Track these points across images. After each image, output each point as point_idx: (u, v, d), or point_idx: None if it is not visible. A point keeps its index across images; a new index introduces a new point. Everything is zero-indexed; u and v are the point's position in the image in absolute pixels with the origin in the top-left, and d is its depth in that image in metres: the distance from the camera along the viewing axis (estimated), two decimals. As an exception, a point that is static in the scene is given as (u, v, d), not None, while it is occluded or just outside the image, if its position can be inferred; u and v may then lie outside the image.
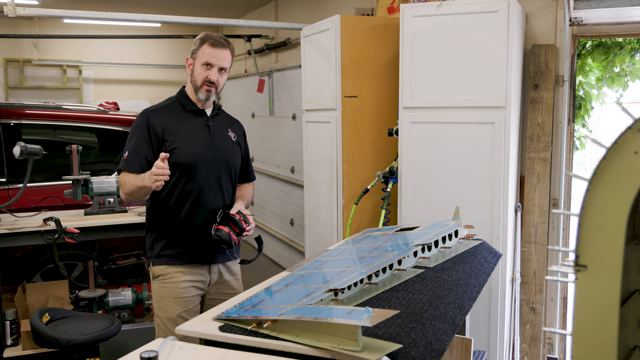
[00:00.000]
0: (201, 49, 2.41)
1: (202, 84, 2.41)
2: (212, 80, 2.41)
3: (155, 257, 2.46)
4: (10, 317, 3.37)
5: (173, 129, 2.41)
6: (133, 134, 2.43)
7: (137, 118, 2.46)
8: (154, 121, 2.41)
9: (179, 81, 8.36)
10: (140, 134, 2.40)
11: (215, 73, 2.41)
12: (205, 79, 2.40)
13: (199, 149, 2.43)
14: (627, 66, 3.73)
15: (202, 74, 2.41)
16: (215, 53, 2.40)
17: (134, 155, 2.37)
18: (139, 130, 2.41)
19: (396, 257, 2.04)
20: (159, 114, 2.45)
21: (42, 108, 4.41)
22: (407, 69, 3.01)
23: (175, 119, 2.44)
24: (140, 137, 2.40)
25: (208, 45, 2.40)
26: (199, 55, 2.41)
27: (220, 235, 2.36)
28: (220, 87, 2.48)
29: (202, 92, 2.43)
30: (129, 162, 2.37)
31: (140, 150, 2.38)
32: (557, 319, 3.24)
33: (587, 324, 0.80)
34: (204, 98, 2.44)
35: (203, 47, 2.40)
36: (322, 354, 1.42)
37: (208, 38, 2.41)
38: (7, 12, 3.46)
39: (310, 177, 3.84)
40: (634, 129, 0.74)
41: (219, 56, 2.40)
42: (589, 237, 0.79)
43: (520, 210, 3.17)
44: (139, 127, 2.42)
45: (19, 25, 7.67)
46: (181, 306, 2.42)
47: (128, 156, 2.38)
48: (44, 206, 3.68)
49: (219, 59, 2.40)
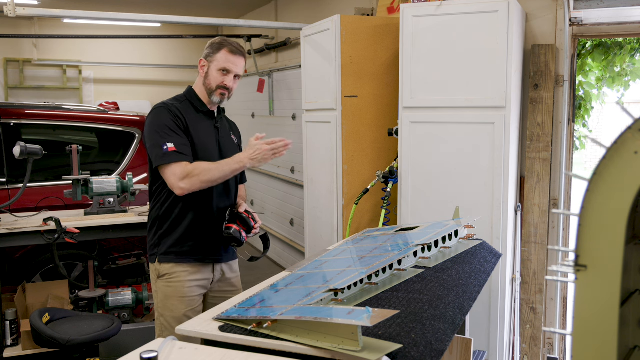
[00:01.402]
0: (219, 54, 2.42)
1: (217, 89, 2.44)
2: (228, 86, 2.44)
3: (162, 254, 2.45)
4: (10, 317, 3.37)
5: (191, 126, 2.41)
6: (163, 125, 2.35)
7: (157, 111, 2.40)
8: (178, 114, 2.39)
9: (179, 81, 8.36)
10: (172, 124, 2.35)
11: (231, 79, 2.45)
12: (221, 84, 2.43)
13: (212, 149, 2.46)
14: (627, 66, 3.73)
15: (219, 78, 2.43)
16: (234, 60, 2.43)
17: (181, 144, 2.32)
18: (169, 121, 2.35)
19: (396, 257, 2.04)
20: (177, 108, 2.42)
21: (42, 108, 4.40)
22: (407, 69, 3.01)
23: (190, 116, 2.44)
24: (174, 126, 2.35)
25: (227, 51, 2.42)
26: (216, 60, 2.43)
27: (231, 233, 2.39)
28: (232, 93, 2.51)
29: (217, 96, 2.45)
30: (181, 153, 2.31)
31: (183, 140, 2.34)
32: (557, 319, 3.24)
33: (587, 324, 0.80)
34: (218, 101, 2.47)
35: (221, 52, 2.42)
36: (322, 354, 1.42)
37: (227, 44, 2.43)
38: (7, 12, 3.46)
39: (310, 177, 3.84)
40: (634, 129, 0.74)
41: (236, 63, 2.44)
42: (589, 237, 0.79)
43: (520, 210, 3.17)
44: (166, 117, 2.36)
45: (19, 25, 7.68)
46: (187, 305, 2.43)
47: (177, 147, 2.30)
48: (44, 206, 3.67)
49: (236, 66, 2.44)
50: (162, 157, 2.30)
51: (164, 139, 2.32)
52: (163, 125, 2.35)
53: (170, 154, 2.29)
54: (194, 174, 2.28)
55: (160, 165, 2.32)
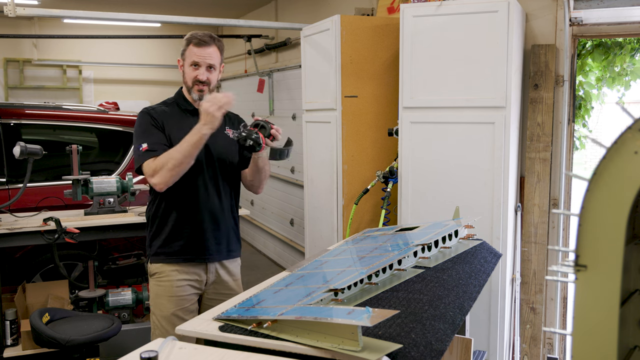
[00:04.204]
0: (188, 50, 2.43)
1: (193, 84, 2.43)
2: (201, 79, 2.42)
3: (153, 255, 2.47)
4: (10, 317, 3.37)
5: (171, 128, 2.42)
6: (141, 129, 2.40)
7: (139, 116, 2.46)
8: (156, 116, 2.42)
9: (179, 81, 8.25)
10: (149, 126, 2.39)
11: (203, 72, 2.42)
12: (194, 79, 2.42)
13: None
14: (627, 66, 3.73)
15: (191, 74, 2.42)
16: (200, 52, 2.40)
17: (154, 143, 2.33)
18: (146, 124, 2.40)
19: (396, 257, 2.04)
20: (158, 111, 2.46)
21: (42, 108, 4.40)
22: (407, 69, 3.01)
23: (172, 118, 2.45)
24: (150, 128, 2.38)
25: (193, 45, 2.41)
26: (186, 56, 2.44)
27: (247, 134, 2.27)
28: (213, 85, 2.48)
29: (195, 93, 2.44)
30: (153, 150, 2.32)
31: (157, 138, 2.35)
32: (557, 319, 3.24)
33: (587, 324, 0.80)
34: (198, 98, 2.45)
35: (189, 47, 2.42)
36: (322, 354, 1.42)
37: (192, 38, 2.42)
38: (7, 12, 3.46)
39: (310, 177, 3.84)
40: (634, 129, 0.74)
41: (204, 54, 2.40)
42: (589, 237, 0.79)
43: (520, 210, 3.17)
44: (145, 121, 2.41)
45: (19, 25, 7.68)
46: (176, 304, 2.42)
47: (149, 145, 2.33)
48: (44, 206, 3.67)
49: (204, 57, 2.41)
50: (138, 159, 2.36)
51: (139, 141, 2.38)
52: (141, 129, 2.41)
53: (143, 154, 2.34)
54: (159, 166, 2.28)
55: (139, 167, 2.36)
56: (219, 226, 2.47)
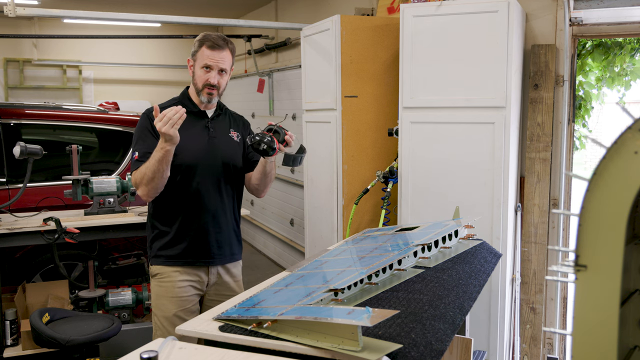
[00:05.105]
0: (200, 51, 2.38)
1: (203, 87, 2.40)
2: (212, 83, 2.38)
3: (154, 257, 2.47)
4: (10, 317, 3.37)
5: None
6: (137, 134, 2.41)
7: (140, 118, 2.45)
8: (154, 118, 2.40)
9: (179, 81, 8.36)
10: (146, 133, 2.38)
11: (215, 75, 2.38)
12: (205, 82, 2.39)
13: (198, 151, 2.41)
14: (627, 66, 3.73)
15: (202, 77, 2.39)
16: (213, 55, 2.36)
17: (144, 153, 2.32)
18: (144, 130, 2.39)
19: (396, 257, 2.04)
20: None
21: (42, 108, 4.40)
22: (407, 69, 3.01)
23: None
24: (146, 135, 2.37)
25: (206, 47, 2.36)
26: (198, 58, 2.39)
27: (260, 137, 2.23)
28: (222, 89, 2.46)
29: (204, 95, 2.41)
30: (141, 161, 2.31)
31: (148, 146, 2.32)
32: (557, 319, 3.24)
33: (587, 324, 0.80)
34: (206, 101, 2.43)
35: (202, 49, 2.38)
36: (322, 354, 1.42)
37: (206, 40, 2.38)
38: (7, 12, 3.46)
39: (310, 177, 3.84)
40: (634, 129, 0.74)
41: (217, 58, 2.37)
42: (589, 237, 0.78)
43: (520, 210, 3.17)
44: (143, 126, 2.40)
45: (19, 25, 7.67)
46: (177, 305, 2.41)
47: (139, 155, 2.33)
48: (44, 206, 3.67)
49: (217, 61, 2.37)
50: (131, 166, 2.37)
51: (133, 147, 2.39)
52: (137, 134, 2.41)
53: (133, 163, 2.35)
54: (138, 180, 2.29)
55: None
56: (222, 229, 2.46)
